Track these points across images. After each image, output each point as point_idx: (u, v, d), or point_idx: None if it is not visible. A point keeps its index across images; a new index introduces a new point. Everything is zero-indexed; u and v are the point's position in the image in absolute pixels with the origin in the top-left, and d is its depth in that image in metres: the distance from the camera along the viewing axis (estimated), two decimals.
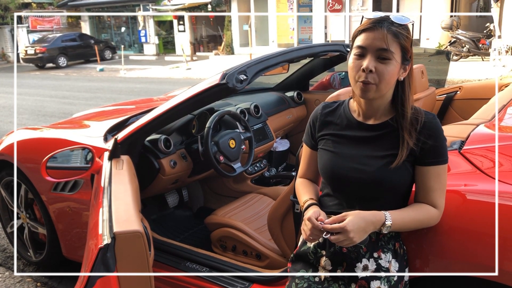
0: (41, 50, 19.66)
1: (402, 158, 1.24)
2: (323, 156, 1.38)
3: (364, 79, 1.21)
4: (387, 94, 1.28)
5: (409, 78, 1.28)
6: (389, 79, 1.22)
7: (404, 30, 1.22)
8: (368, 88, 1.22)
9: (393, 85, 1.26)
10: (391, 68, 1.20)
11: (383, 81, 1.21)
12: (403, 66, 1.25)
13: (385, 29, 1.20)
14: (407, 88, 1.28)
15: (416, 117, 1.26)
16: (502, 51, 10.38)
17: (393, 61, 1.20)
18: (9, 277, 2.91)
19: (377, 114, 1.32)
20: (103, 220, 1.55)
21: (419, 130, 1.25)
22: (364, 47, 1.22)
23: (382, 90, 1.23)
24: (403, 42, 1.21)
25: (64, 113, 8.62)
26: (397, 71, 1.23)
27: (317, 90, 3.80)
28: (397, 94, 1.29)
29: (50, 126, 2.97)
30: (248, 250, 2.22)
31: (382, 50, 1.20)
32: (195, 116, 2.68)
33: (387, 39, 1.19)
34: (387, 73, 1.20)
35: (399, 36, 1.21)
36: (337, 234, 1.19)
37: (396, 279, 1.30)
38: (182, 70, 15.31)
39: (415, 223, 1.28)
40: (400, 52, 1.22)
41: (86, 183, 2.33)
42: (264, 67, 1.89)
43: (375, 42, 1.20)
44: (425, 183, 1.27)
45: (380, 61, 1.20)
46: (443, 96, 2.91)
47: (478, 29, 12.61)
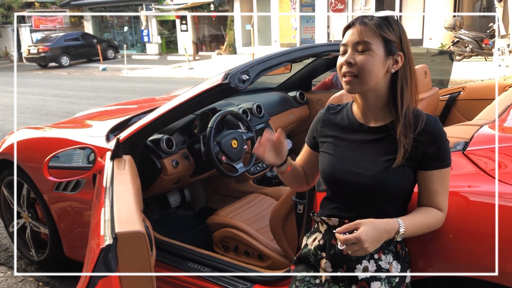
0: (44, 50, 19.70)
1: (400, 161, 1.23)
2: (324, 159, 1.38)
3: (345, 71, 1.25)
4: (380, 88, 1.27)
5: (406, 72, 1.26)
6: (370, 69, 1.22)
7: (386, 23, 1.23)
8: (351, 82, 1.25)
9: (381, 77, 1.25)
10: (370, 58, 1.22)
11: (363, 71, 1.23)
12: (392, 58, 1.24)
13: (359, 24, 1.24)
14: (403, 82, 1.26)
15: (417, 120, 1.25)
16: (505, 51, 10.34)
17: (371, 51, 1.22)
18: (11, 276, 2.91)
19: (376, 114, 1.31)
20: (105, 220, 1.54)
21: (419, 132, 1.23)
22: (345, 44, 1.27)
23: (365, 81, 1.24)
24: (382, 33, 1.22)
25: (67, 112, 8.64)
26: (379, 62, 1.23)
27: (320, 90, 3.79)
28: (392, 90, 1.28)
29: (52, 125, 2.97)
30: (250, 250, 2.22)
31: (358, 43, 1.23)
32: (197, 116, 2.67)
33: (361, 32, 1.23)
34: (366, 63, 1.22)
35: (377, 28, 1.22)
36: (351, 244, 1.17)
37: (397, 280, 1.29)
38: (184, 69, 15.31)
39: (423, 228, 1.27)
40: (381, 43, 1.23)
41: (88, 183, 2.33)
42: (267, 67, 1.88)
43: (352, 37, 1.25)
44: (429, 187, 1.26)
45: (359, 53, 1.23)
46: (447, 97, 2.90)
47: (481, 29, 12.57)
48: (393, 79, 1.27)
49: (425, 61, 2.83)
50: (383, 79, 1.26)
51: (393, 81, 1.27)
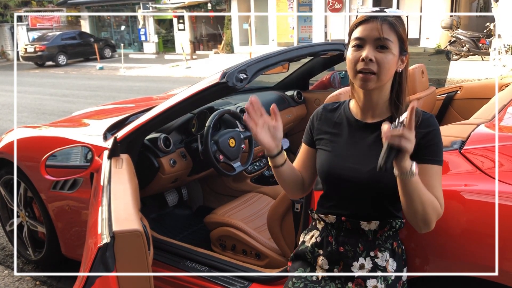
0: (41, 48, 19.63)
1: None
2: (321, 156, 1.38)
3: (364, 66, 1.22)
4: (386, 86, 1.28)
5: (406, 72, 1.30)
6: (389, 68, 1.23)
7: (399, 21, 1.24)
8: (368, 78, 1.23)
9: (392, 76, 1.27)
10: (390, 57, 1.22)
11: (383, 70, 1.22)
12: (401, 58, 1.26)
13: (380, 20, 1.23)
14: (404, 81, 1.29)
15: None
16: (502, 50, 10.37)
17: (391, 50, 1.22)
18: (8, 275, 2.90)
19: (376, 110, 1.31)
20: (103, 219, 1.54)
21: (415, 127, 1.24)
22: (363, 38, 1.24)
23: (382, 79, 1.24)
24: (399, 32, 1.23)
25: (64, 111, 8.61)
26: (395, 61, 1.24)
27: (317, 89, 3.79)
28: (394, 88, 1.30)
29: (49, 124, 2.96)
30: (247, 249, 2.22)
31: (379, 40, 1.22)
32: (195, 115, 2.67)
33: (382, 29, 1.21)
34: (387, 62, 1.22)
35: (395, 26, 1.23)
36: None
37: (393, 278, 1.30)
38: (181, 68, 15.30)
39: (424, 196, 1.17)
40: (397, 42, 1.24)
41: (86, 182, 2.33)
42: (264, 66, 1.88)
43: (372, 33, 1.22)
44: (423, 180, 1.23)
45: (379, 50, 1.22)
46: (443, 96, 2.91)
47: (478, 29, 12.60)
48: (395, 77, 1.29)
49: (422, 61, 2.83)
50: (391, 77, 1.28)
51: (394, 79, 1.29)
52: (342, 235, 1.34)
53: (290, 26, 18.16)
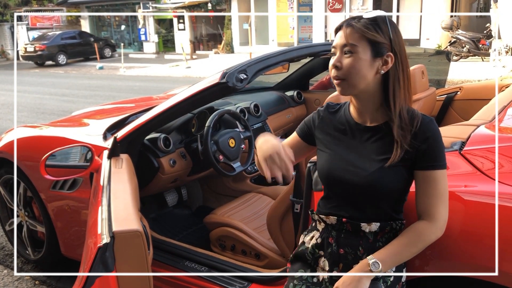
0: (41, 48, 19.62)
1: (394, 161, 1.22)
2: (321, 158, 1.38)
3: (334, 75, 1.27)
4: (372, 89, 1.26)
5: (398, 72, 1.25)
6: (357, 72, 1.23)
7: (374, 23, 1.23)
8: (340, 85, 1.27)
9: (370, 79, 1.24)
10: (355, 60, 1.23)
11: (350, 74, 1.24)
12: (381, 59, 1.23)
13: (345, 26, 1.25)
14: (395, 82, 1.25)
15: (412, 120, 1.24)
16: (502, 51, 10.37)
17: (358, 54, 1.22)
18: (8, 275, 2.91)
19: (372, 115, 1.30)
20: (102, 219, 1.54)
21: (414, 133, 1.23)
22: (334, 46, 1.28)
23: (353, 84, 1.24)
24: (369, 35, 1.22)
25: (64, 111, 8.61)
26: (366, 64, 1.23)
27: (317, 90, 3.80)
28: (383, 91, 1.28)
29: (49, 124, 2.96)
30: (247, 249, 2.22)
31: (346, 45, 1.24)
32: (195, 115, 2.67)
33: (347, 34, 1.23)
34: (352, 66, 1.23)
35: (363, 30, 1.22)
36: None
37: (392, 279, 1.30)
38: (181, 68, 15.29)
39: (408, 247, 1.23)
40: (367, 45, 1.22)
41: (85, 182, 2.33)
42: (264, 66, 1.88)
43: (340, 40, 1.26)
44: (421, 189, 1.25)
45: (345, 56, 1.24)
46: (444, 97, 2.91)
47: (478, 30, 12.60)
48: (385, 79, 1.26)
49: (422, 61, 2.83)
50: (374, 80, 1.25)
51: (385, 81, 1.26)
52: (343, 236, 1.34)
53: (290, 26, 18.16)
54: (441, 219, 1.24)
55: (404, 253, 1.24)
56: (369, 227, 1.30)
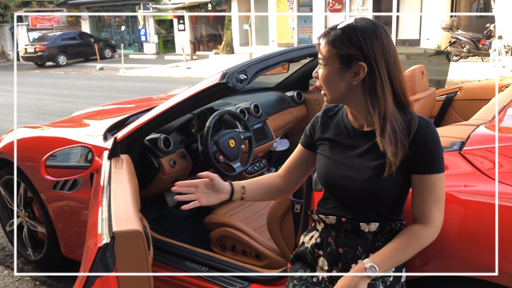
0: (41, 49, 19.62)
1: (393, 168, 1.20)
2: (320, 162, 1.39)
3: (317, 84, 1.33)
4: (355, 98, 1.26)
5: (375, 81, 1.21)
6: (328, 82, 1.26)
7: (343, 35, 1.21)
8: (324, 94, 1.31)
9: (343, 89, 1.25)
10: (325, 72, 1.26)
11: (324, 84, 1.28)
12: (353, 69, 1.21)
13: (322, 37, 1.27)
14: (371, 91, 1.22)
15: (410, 125, 1.22)
16: (502, 51, 10.37)
17: (327, 66, 1.25)
18: (8, 275, 2.91)
19: (366, 119, 1.29)
20: (102, 219, 1.55)
21: (412, 138, 1.21)
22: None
23: (329, 93, 1.29)
24: (336, 47, 1.21)
25: (64, 111, 8.62)
26: (335, 76, 1.24)
27: (317, 90, 3.79)
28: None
29: (49, 124, 2.97)
30: (247, 249, 2.22)
31: (319, 57, 1.28)
32: (195, 116, 2.67)
33: (320, 46, 1.27)
34: (322, 77, 1.27)
35: (331, 43, 1.23)
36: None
37: (392, 279, 1.30)
38: (182, 69, 15.30)
39: (403, 250, 1.24)
40: (336, 56, 1.22)
41: (86, 182, 2.33)
42: (264, 66, 1.88)
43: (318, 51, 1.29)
44: (417, 193, 1.25)
45: (320, 67, 1.29)
46: (443, 97, 2.91)
47: (478, 30, 12.61)
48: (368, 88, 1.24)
49: (422, 61, 2.84)
50: (356, 89, 1.24)
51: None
52: (342, 236, 1.34)
53: (290, 26, 18.17)
54: (436, 223, 1.24)
55: (400, 256, 1.24)
56: (368, 227, 1.30)
